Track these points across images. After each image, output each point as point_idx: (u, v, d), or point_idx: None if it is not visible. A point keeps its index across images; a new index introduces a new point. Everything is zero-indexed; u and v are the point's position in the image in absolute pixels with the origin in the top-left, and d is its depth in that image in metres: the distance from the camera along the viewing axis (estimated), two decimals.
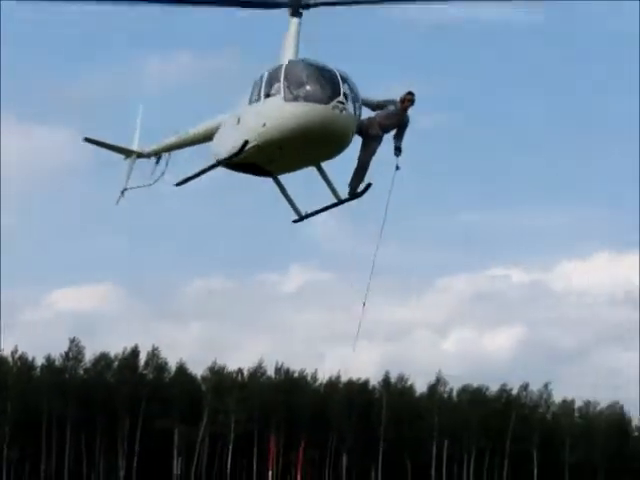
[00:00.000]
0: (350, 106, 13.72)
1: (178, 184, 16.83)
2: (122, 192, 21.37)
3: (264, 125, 13.94)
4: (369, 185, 15.33)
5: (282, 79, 13.73)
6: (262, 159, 14.85)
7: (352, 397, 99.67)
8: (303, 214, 16.33)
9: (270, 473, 77.72)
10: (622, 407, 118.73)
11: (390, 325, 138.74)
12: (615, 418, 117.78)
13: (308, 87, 13.63)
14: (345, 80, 13.71)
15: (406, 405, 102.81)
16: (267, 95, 14.05)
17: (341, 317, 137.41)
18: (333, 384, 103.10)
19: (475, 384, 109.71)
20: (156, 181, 20.08)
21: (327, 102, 13.28)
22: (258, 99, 14.32)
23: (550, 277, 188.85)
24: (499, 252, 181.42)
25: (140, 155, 20.93)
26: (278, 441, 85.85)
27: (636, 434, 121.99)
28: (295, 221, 16.47)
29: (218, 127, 16.70)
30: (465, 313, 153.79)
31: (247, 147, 14.32)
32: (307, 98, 13.50)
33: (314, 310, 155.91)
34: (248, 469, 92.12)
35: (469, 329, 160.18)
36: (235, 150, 14.48)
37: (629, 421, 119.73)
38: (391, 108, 14.78)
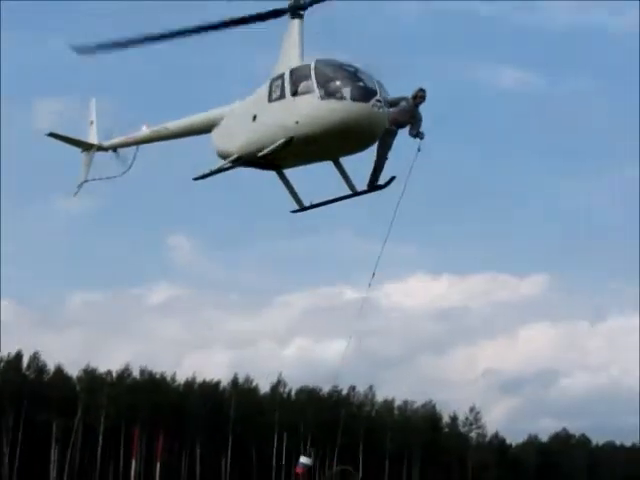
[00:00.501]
0: (385, 104, 13.62)
1: (196, 179, 16.18)
2: (80, 184, 20.81)
3: (297, 122, 13.64)
4: (393, 178, 15.19)
5: (314, 78, 13.55)
6: (281, 154, 14.46)
7: (205, 396, 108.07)
8: (306, 204, 15.98)
9: (134, 460, 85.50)
10: (434, 406, 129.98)
11: (239, 334, 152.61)
12: (428, 415, 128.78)
13: (347, 86, 13.41)
14: (377, 79, 13.76)
15: (251, 403, 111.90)
16: (294, 93, 13.87)
17: (197, 327, 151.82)
18: (189, 384, 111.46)
19: (311, 385, 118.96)
20: (124, 173, 19.78)
21: (367, 100, 13.23)
22: (281, 97, 14.11)
23: (375, 295, 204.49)
24: (333, 273, 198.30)
25: (99, 148, 20.49)
26: (141, 433, 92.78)
27: (446, 430, 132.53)
28: (295, 211, 16.08)
29: (209, 123, 16.58)
30: (303, 325, 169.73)
31: (280, 143, 13.97)
32: (347, 97, 13.30)
33: (175, 321, 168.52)
34: (116, 457, 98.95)
35: (306, 339, 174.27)
36: (276, 146, 14.01)
37: (440, 418, 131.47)
38: (403, 104, 14.60)
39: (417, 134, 14.68)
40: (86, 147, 20.63)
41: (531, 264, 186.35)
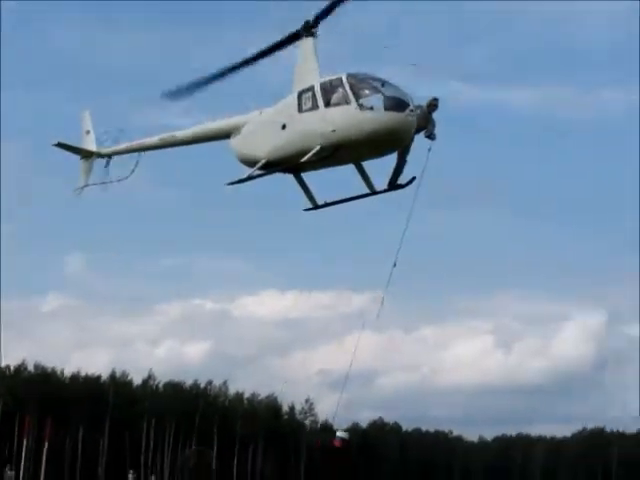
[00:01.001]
0: (416, 114, 14.31)
1: (231, 183, 16.34)
2: (82, 188, 20.90)
3: (334, 130, 14.33)
4: (414, 178, 15.71)
5: (348, 89, 14.33)
6: (312, 158, 14.94)
7: (88, 387, 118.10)
8: (320, 203, 16.56)
9: (25, 441, 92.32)
10: (276, 398, 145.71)
11: (118, 336, 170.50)
12: (271, 405, 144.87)
13: (383, 97, 14.24)
14: (404, 90, 14.53)
15: (126, 393, 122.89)
16: (327, 104, 14.53)
17: (83, 331, 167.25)
18: (75, 377, 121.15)
19: (176, 379, 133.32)
20: (125, 179, 19.81)
21: (402, 111, 14.07)
22: (313, 108, 14.76)
23: (232, 306, 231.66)
24: (199, 287, 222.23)
25: (99, 155, 20.62)
26: (33, 418, 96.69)
27: (285, 417, 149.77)
28: (308, 209, 16.56)
29: (225, 131, 17.09)
30: (173, 330, 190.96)
31: (315, 150, 14.62)
32: (384, 107, 14.10)
33: (65, 325, 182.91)
34: (11, 439, 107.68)
35: (174, 341, 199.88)
36: (325, 154, 14.59)
37: (280, 407, 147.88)
38: (418, 112, 14.90)
39: (430, 135, 15.17)
40: (86, 154, 20.88)
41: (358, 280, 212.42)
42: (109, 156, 20.54)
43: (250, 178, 16.29)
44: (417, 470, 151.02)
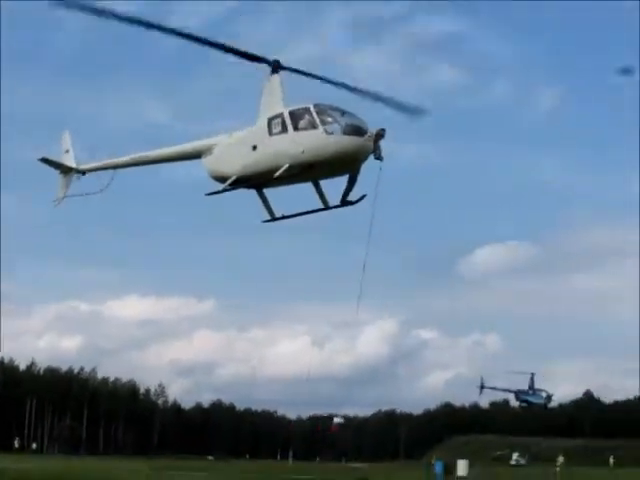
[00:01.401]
0: (372, 139, 15.58)
1: (209, 194, 17.67)
2: (60, 199, 22.30)
3: (303, 152, 15.70)
4: (364, 196, 16.99)
5: (316, 117, 15.73)
6: (277, 175, 16.23)
7: None
8: (278, 215, 17.82)
9: None
10: (135, 382, 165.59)
11: (10, 331, 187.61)
12: (131, 388, 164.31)
13: (348, 124, 15.59)
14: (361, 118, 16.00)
15: (14, 376, 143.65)
16: (296, 128, 15.90)
17: None
18: None
19: (54, 365, 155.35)
20: (101, 191, 20.94)
21: (362, 136, 15.49)
22: (283, 131, 16.15)
23: (102, 308, 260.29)
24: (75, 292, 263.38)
25: (77, 171, 22.03)
26: None
27: (142, 397, 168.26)
28: (266, 221, 17.92)
29: (196, 152, 18.38)
30: (53, 326, 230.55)
31: (285, 168, 15.89)
32: (348, 133, 15.51)
33: None
34: None
35: (54, 335, 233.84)
36: (294, 171, 15.92)
37: (138, 389, 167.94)
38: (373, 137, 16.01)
39: (379, 157, 15.97)
40: (65, 170, 22.19)
41: (203, 289, 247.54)
42: (84, 172, 21.84)
43: (225, 190, 17.50)
44: (249, 441, 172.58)
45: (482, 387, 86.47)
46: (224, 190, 17.64)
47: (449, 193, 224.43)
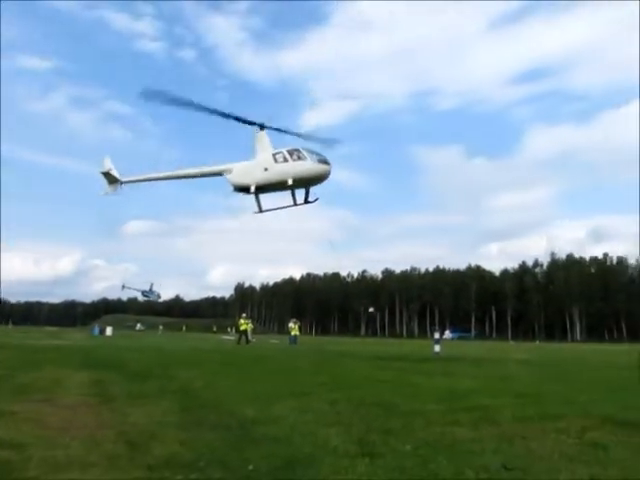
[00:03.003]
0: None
1: (257, 212, 26.01)
2: (106, 193, 29.33)
3: (301, 172, 24.24)
4: (317, 199, 25.69)
5: (305, 154, 24.38)
6: (277, 185, 25.05)
7: None
8: (263, 209, 25.83)
9: None
10: None
11: None
12: None
13: (321, 158, 24.33)
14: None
15: None
16: (294, 159, 24.54)
17: None
18: None
19: None
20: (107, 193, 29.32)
21: (329, 164, 24.41)
22: (285, 161, 24.71)
23: None
24: None
25: (121, 182, 29.30)
26: None
27: None
28: (256, 212, 25.87)
29: (218, 172, 26.67)
30: None
31: (290, 182, 24.62)
32: (323, 162, 24.26)
33: None
34: None
35: None
36: (294, 183, 24.64)
37: None
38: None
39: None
40: (113, 181, 29.28)
41: None
42: (124, 183, 29.33)
43: (257, 201, 25.84)
44: None
45: (123, 287, 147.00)
46: (258, 202, 26.03)
47: None
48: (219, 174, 26.61)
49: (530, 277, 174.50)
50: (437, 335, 33.50)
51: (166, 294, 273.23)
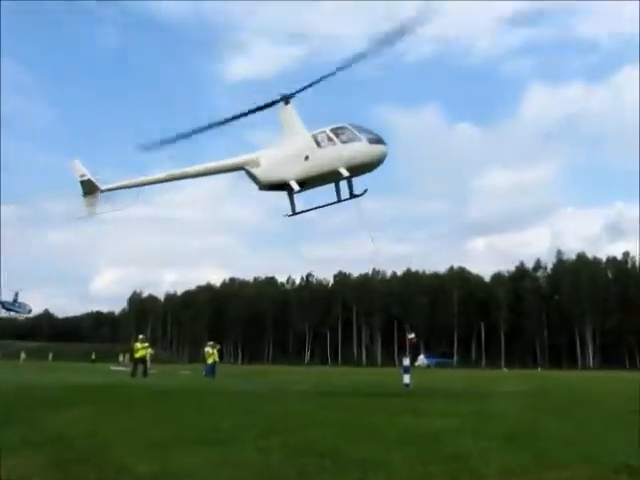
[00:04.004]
0: None
1: (290, 215, 26.79)
2: (87, 217, 28.41)
3: (354, 157, 25.10)
4: (366, 190, 26.33)
5: (356, 132, 25.25)
6: (327, 178, 25.85)
7: None
8: (297, 211, 26.70)
9: None
10: None
11: None
12: None
13: (376, 137, 25.30)
14: None
15: None
16: (342, 140, 25.32)
17: None
18: None
19: None
20: (122, 210, 27.93)
21: (385, 145, 25.45)
22: (330, 144, 25.41)
23: None
24: None
25: (102, 191, 28.00)
26: None
27: None
28: (289, 215, 26.83)
29: (239, 166, 26.72)
30: None
31: (342, 171, 25.33)
32: (379, 142, 25.25)
33: None
34: None
35: None
36: (345, 172, 25.28)
37: None
38: None
39: None
40: (91, 189, 28.21)
41: None
42: (104, 191, 28.12)
43: (291, 200, 26.63)
44: None
45: None
46: (291, 203, 26.71)
47: None
48: (239, 168, 26.85)
49: (530, 283, 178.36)
50: (406, 361, 33.89)
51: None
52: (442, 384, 35.10)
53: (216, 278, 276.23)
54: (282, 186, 26.23)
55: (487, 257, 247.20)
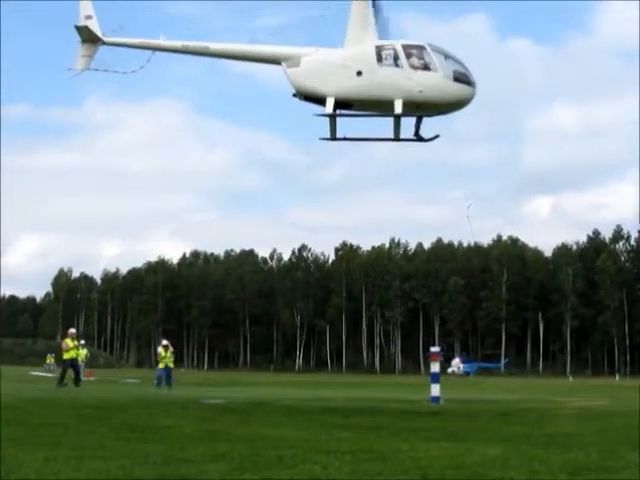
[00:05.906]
0: None
1: (326, 139, 28.50)
2: (78, 72, 29.73)
3: (420, 91, 26.06)
4: (437, 136, 28.38)
5: (434, 59, 26.18)
6: (372, 103, 27.27)
7: None
8: (339, 136, 28.26)
9: None
10: None
11: None
12: None
13: (464, 72, 26.52)
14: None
15: None
16: (412, 66, 26.18)
17: None
18: None
19: None
20: (134, 72, 29.41)
21: (474, 87, 26.64)
22: (396, 65, 26.25)
23: None
24: None
25: (103, 43, 29.36)
26: None
27: None
28: (325, 139, 28.58)
29: (273, 58, 28.10)
30: None
31: (397, 103, 26.35)
32: (465, 81, 26.35)
33: None
34: None
35: None
36: (403, 107, 26.25)
37: None
38: None
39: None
40: (91, 38, 29.27)
41: None
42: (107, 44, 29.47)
43: (332, 122, 28.16)
44: None
45: None
46: (332, 127, 28.21)
47: None
48: (275, 62, 28.25)
49: (607, 260, 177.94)
50: (435, 367, 33.84)
51: None
52: (487, 396, 35.12)
53: (172, 252, 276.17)
54: (322, 100, 27.27)
55: (548, 224, 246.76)
